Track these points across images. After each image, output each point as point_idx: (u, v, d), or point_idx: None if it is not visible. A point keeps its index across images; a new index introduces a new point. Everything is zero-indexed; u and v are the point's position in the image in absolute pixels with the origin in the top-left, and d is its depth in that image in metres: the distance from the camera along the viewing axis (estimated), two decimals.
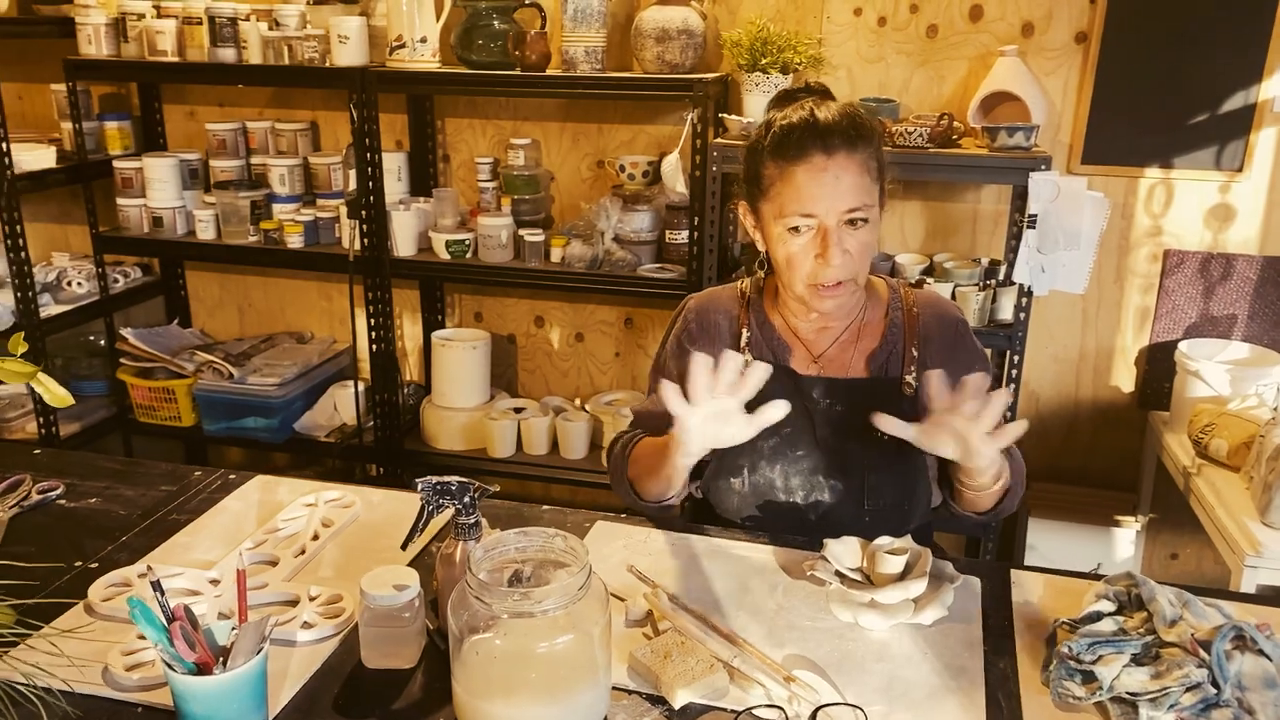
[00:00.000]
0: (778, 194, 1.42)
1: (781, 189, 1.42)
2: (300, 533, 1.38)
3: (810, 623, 1.20)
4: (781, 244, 1.43)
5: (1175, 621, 1.12)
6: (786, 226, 1.41)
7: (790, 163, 1.41)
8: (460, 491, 1.13)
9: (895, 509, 1.52)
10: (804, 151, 1.40)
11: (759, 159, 1.46)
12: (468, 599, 0.96)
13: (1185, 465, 2.40)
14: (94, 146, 3.02)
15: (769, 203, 1.44)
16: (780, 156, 1.42)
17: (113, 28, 2.85)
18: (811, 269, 1.42)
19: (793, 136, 1.41)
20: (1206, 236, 2.61)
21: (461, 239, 2.77)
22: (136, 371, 3.04)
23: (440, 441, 2.94)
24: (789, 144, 1.41)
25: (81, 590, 1.24)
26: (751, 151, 1.49)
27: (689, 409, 1.27)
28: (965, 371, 1.53)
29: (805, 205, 1.40)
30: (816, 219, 1.40)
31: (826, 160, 1.39)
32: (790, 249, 1.42)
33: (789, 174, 1.41)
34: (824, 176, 1.39)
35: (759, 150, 1.46)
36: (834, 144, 1.40)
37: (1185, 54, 2.48)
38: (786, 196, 1.41)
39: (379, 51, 2.73)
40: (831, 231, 1.40)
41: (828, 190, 1.39)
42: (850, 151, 1.41)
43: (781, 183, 1.42)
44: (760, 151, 1.46)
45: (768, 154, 1.44)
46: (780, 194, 1.42)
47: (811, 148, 1.40)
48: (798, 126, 1.42)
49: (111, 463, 1.64)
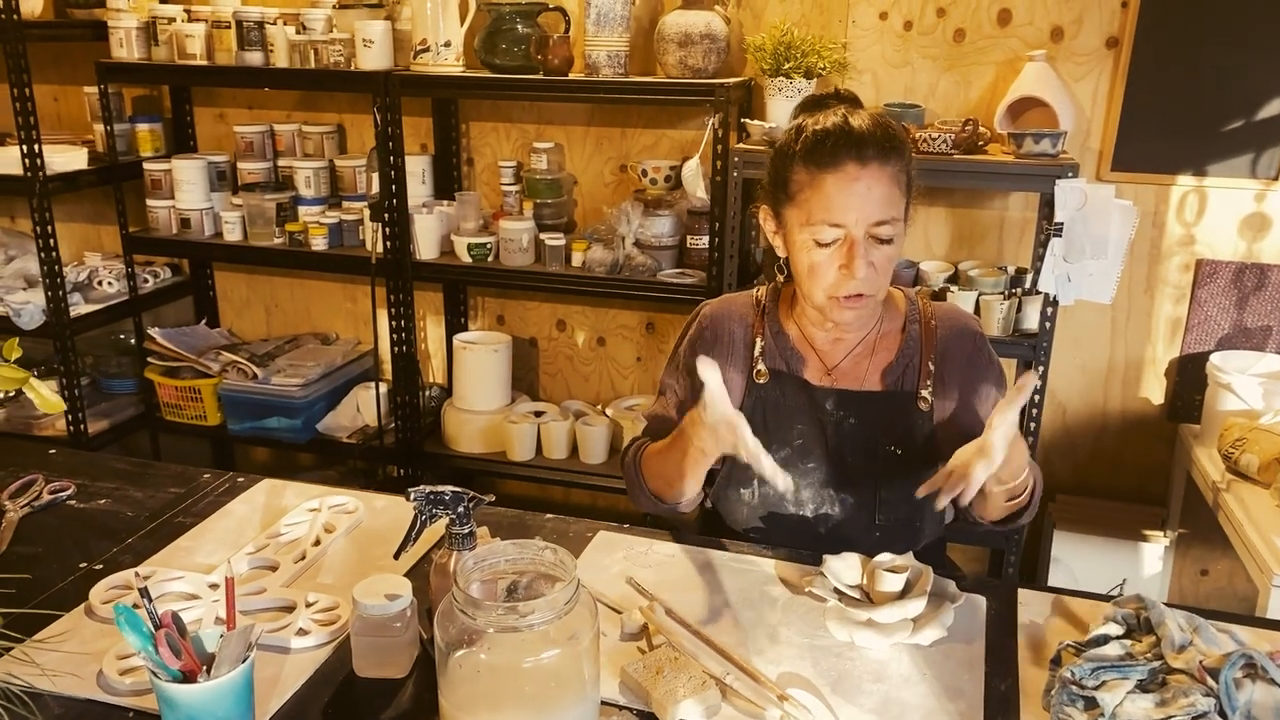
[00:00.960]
0: (806, 201, 1.39)
1: (810, 196, 1.39)
2: (302, 538, 1.38)
3: (808, 640, 1.18)
4: (805, 252, 1.40)
5: (1184, 647, 1.09)
6: (813, 235, 1.39)
7: (822, 170, 1.37)
8: (454, 501, 1.12)
9: (906, 525, 1.49)
10: (838, 159, 1.37)
11: (788, 163, 1.42)
12: (454, 612, 0.96)
13: (1215, 480, 2.34)
14: (126, 148, 3.06)
15: (796, 209, 1.41)
16: (812, 162, 1.38)
17: (144, 31, 2.88)
18: (834, 280, 1.39)
19: (827, 143, 1.38)
20: (1240, 246, 2.55)
21: (483, 242, 2.78)
22: (164, 370, 3.08)
23: (460, 444, 2.95)
24: (823, 150, 1.38)
25: (85, 592, 1.25)
26: (780, 155, 1.45)
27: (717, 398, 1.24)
28: (982, 385, 1.51)
29: (834, 215, 1.37)
30: (844, 229, 1.37)
31: (860, 170, 1.36)
32: (814, 258, 1.39)
33: (820, 181, 1.38)
34: (856, 186, 1.36)
35: (789, 154, 1.43)
36: (868, 154, 1.37)
37: (1219, 59, 2.42)
38: (815, 204, 1.38)
39: (403, 55, 2.74)
40: (858, 244, 1.37)
41: (858, 201, 1.36)
42: (883, 163, 1.37)
43: (811, 189, 1.39)
44: (790, 156, 1.42)
45: (799, 159, 1.40)
46: (809, 201, 1.39)
47: (845, 156, 1.36)
48: (832, 133, 1.38)
49: (123, 464, 1.66)
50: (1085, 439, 2.78)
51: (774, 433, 1.49)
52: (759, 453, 1.23)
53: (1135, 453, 2.75)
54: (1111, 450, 2.77)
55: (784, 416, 1.50)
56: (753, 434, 1.38)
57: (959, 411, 1.50)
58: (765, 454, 1.24)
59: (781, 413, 1.50)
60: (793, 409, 1.49)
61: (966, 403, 1.50)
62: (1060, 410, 2.76)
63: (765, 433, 1.49)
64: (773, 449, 1.48)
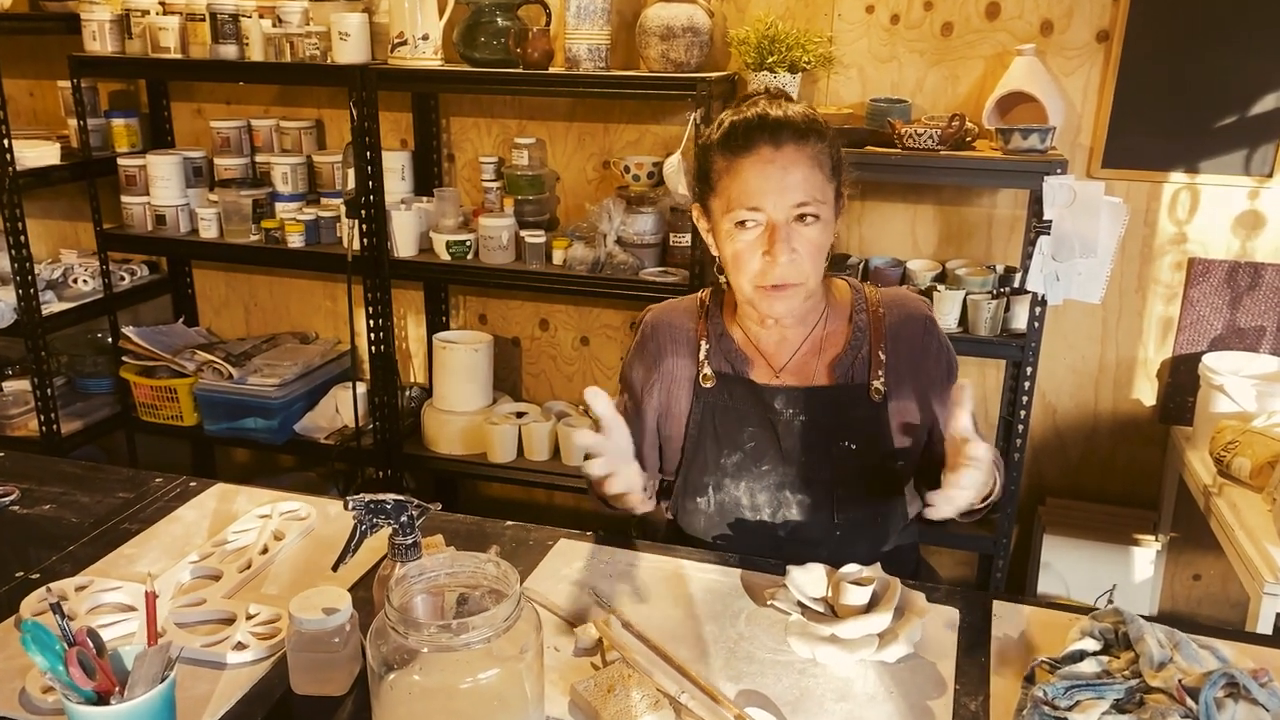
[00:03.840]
0: (725, 188, 1.37)
1: (729, 183, 1.36)
2: (249, 546, 1.33)
3: (770, 655, 1.13)
4: (729, 241, 1.37)
5: (1163, 665, 1.04)
6: (733, 221, 1.35)
7: (737, 155, 1.35)
8: (396, 510, 1.07)
9: (868, 523, 1.44)
10: (751, 143, 1.34)
11: (708, 154, 1.40)
12: (386, 630, 0.90)
13: (1206, 484, 2.29)
14: (102, 144, 3.01)
15: (717, 198, 1.39)
16: (728, 149, 1.36)
17: (117, 24, 2.83)
18: (759, 268, 1.35)
19: (740, 128, 1.36)
20: (1234, 244, 2.50)
21: (462, 240, 2.72)
22: (139, 370, 3.02)
23: (440, 445, 2.90)
24: (736, 136, 1.36)
25: (17, 603, 1.20)
26: (702, 148, 1.44)
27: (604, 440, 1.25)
28: (935, 370, 1.46)
29: (752, 199, 1.34)
30: (764, 213, 1.34)
31: (774, 153, 1.34)
32: (737, 245, 1.36)
33: (736, 167, 1.35)
34: (770, 169, 1.33)
35: (709, 145, 1.41)
36: (782, 137, 1.34)
37: (1212, 54, 2.36)
38: (734, 190, 1.35)
39: (381, 49, 2.69)
40: (780, 228, 1.34)
41: (774, 184, 1.33)
42: (799, 144, 1.35)
43: (729, 176, 1.36)
44: (709, 146, 1.41)
45: (716, 148, 1.38)
46: (727, 188, 1.36)
47: (759, 140, 1.34)
48: (747, 119, 1.37)
49: (74, 468, 1.60)
50: (1075, 441, 2.72)
51: (724, 437, 1.45)
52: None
53: (1126, 455, 2.70)
54: (1102, 453, 2.71)
55: (733, 420, 1.45)
56: (698, 440, 1.39)
57: (913, 399, 1.46)
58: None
59: (731, 416, 1.45)
60: (742, 412, 1.45)
61: (920, 390, 1.46)
62: (1050, 411, 2.71)
63: (716, 438, 1.45)
64: (724, 454, 1.44)
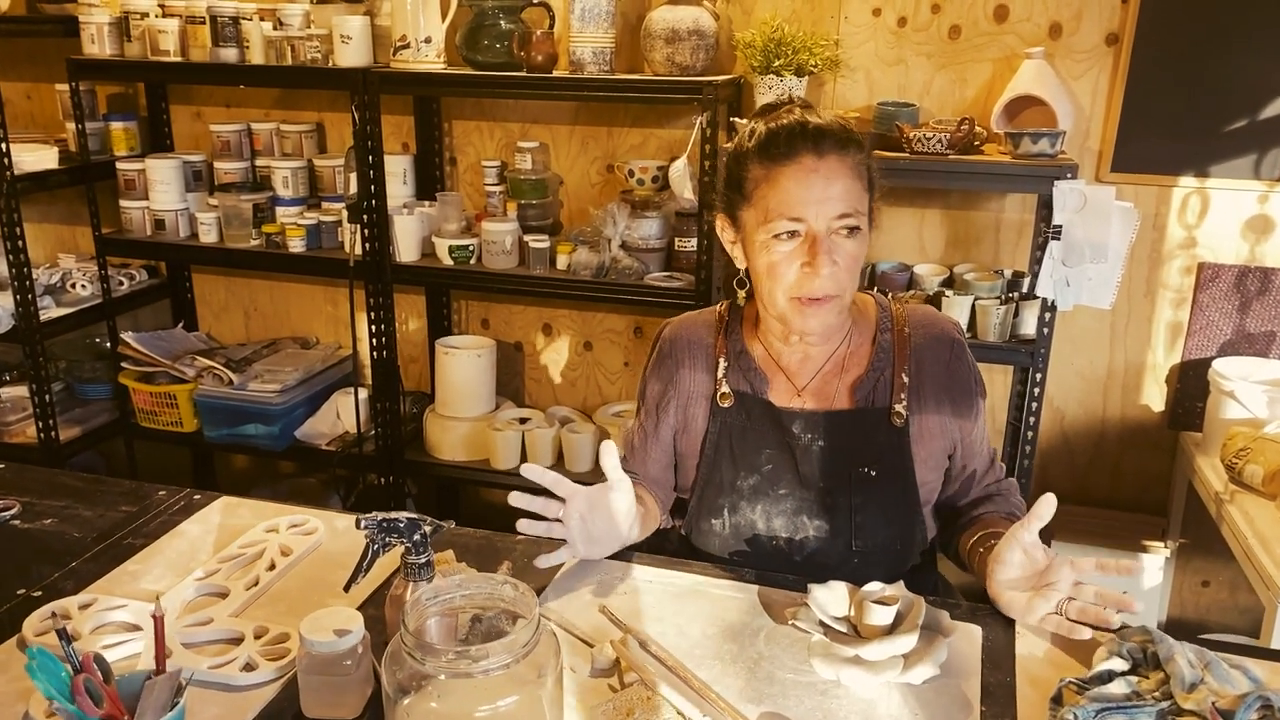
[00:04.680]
0: (763, 198, 1.32)
1: (767, 192, 1.32)
2: (256, 562, 1.30)
3: (792, 675, 1.10)
4: (764, 252, 1.33)
5: (1195, 686, 1.01)
6: (772, 233, 1.31)
7: (778, 164, 1.31)
8: (409, 529, 1.04)
9: (887, 550, 1.41)
10: (794, 151, 1.30)
11: (743, 162, 1.36)
12: (401, 655, 0.88)
13: (1218, 491, 2.27)
14: (100, 147, 2.98)
15: (752, 208, 1.34)
16: (767, 158, 1.32)
17: (116, 27, 2.80)
18: (796, 280, 1.32)
19: (781, 136, 1.32)
20: (1243, 249, 2.48)
21: (465, 244, 2.70)
22: (138, 376, 2.99)
23: (443, 451, 2.87)
24: (777, 144, 1.32)
25: (20, 622, 1.17)
26: (735, 156, 1.39)
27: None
28: (961, 396, 1.43)
29: (794, 209, 1.30)
30: (805, 224, 1.30)
31: (817, 162, 1.30)
32: (773, 257, 1.32)
33: (776, 175, 1.31)
34: (814, 179, 1.29)
35: (743, 154, 1.37)
36: (825, 146, 1.31)
37: (1223, 56, 2.34)
38: (773, 200, 1.31)
39: (383, 52, 2.66)
40: (821, 239, 1.30)
41: (818, 194, 1.29)
42: (841, 155, 1.31)
43: (767, 185, 1.32)
44: (745, 155, 1.36)
45: (753, 156, 1.34)
46: (766, 197, 1.32)
47: (802, 148, 1.30)
48: (787, 127, 1.33)
49: (75, 480, 1.57)
50: (1084, 447, 2.70)
51: (741, 459, 1.42)
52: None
53: (1135, 461, 2.68)
54: (1110, 458, 2.69)
55: (750, 441, 1.42)
56: (714, 461, 1.39)
57: (936, 426, 1.42)
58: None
59: (748, 437, 1.42)
60: (759, 433, 1.42)
61: (944, 414, 1.42)
62: (1058, 417, 2.69)
63: (732, 459, 1.42)
64: (741, 475, 1.41)
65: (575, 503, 1.27)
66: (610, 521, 1.28)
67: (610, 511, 1.27)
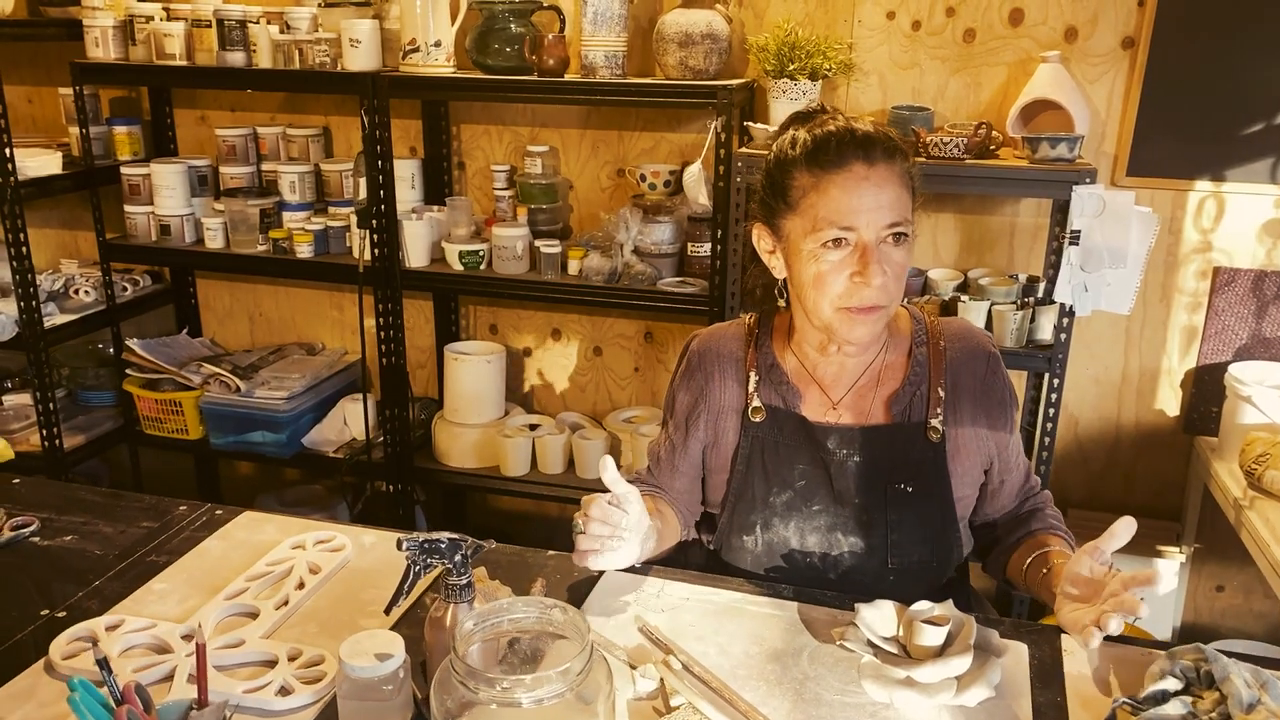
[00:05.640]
0: (810, 206, 1.29)
1: (816, 200, 1.29)
2: (285, 580, 1.27)
3: (839, 696, 1.08)
4: (812, 262, 1.30)
5: (1253, 706, 1.00)
6: (820, 241, 1.28)
7: (828, 171, 1.28)
8: (450, 550, 1.02)
9: (922, 567, 1.39)
10: (844, 159, 1.28)
11: (788, 170, 1.33)
12: (452, 682, 0.85)
13: (1236, 497, 2.26)
14: (103, 152, 2.95)
15: (799, 217, 1.31)
16: (816, 165, 1.29)
17: (120, 30, 2.76)
18: (844, 289, 1.29)
19: (831, 144, 1.29)
20: (1259, 253, 2.47)
21: (475, 249, 2.67)
22: (143, 383, 2.96)
23: (452, 459, 2.84)
24: (827, 151, 1.29)
25: (45, 644, 1.14)
26: (779, 163, 1.35)
27: None
28: (997, 411, 1.41)
29: (845, 218, 1.27)
30: (855, 233, 1.28)
31: (868, 170, 1.28)
32: (821, 267, 1.29)
33: (826, 183, 1.28)
34: (865, 186, 1.27)
35: (788, 160, 1.33)
36: (875, 154, 1.29)
37: (1239, 60, 2.33)
38: (822, 208, 1.28)
39: (392, 55, 2.63)
40: (872, 248, 1.28)
41: (869, 203, 1.27)
42: (890, 162, 1.29)
43: (816, 193, 1.29)
44: (790, 162, 1.33)
45: (801, 163, 1.31)
46: (814, 206, 1.29)
47: (852, 156, 1.28)
48: (836, 134, 1.30)
49: (93, 495, 1.54)
50: (1098, 452, 2.69)
51: (774, 475, 1.40)
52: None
53: (1149, 466, 2.66)
54: (1125, 463, 2.68)
55: (784, 457, 1.40)
56: (746, 477, 1.39)
57: (973, 441, 1.40)
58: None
59: (781, 453, 1.40)
60: (792, 448, 1.40)
61: (980, 430, 1.40)
62: (1073, 422, 2.68)
63: (765, 475, 1.40)
64: (774, 492, 1.39)
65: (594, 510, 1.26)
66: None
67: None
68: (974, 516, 1.47)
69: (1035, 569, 1.36)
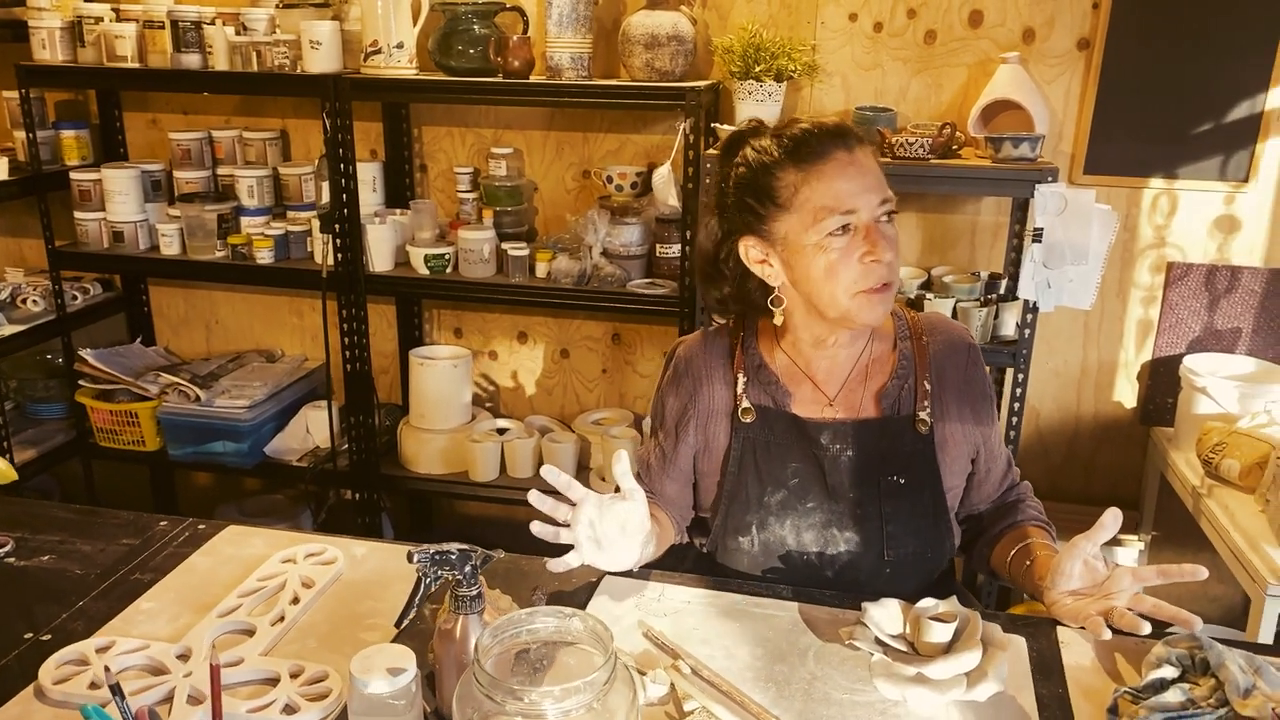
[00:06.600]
0: (806, 200, 1.31)
1: (810, 193, 1.31)
2: (278, 595, 1.25)
3: (848, 695, 1.09)
4: (820, 254, 1.31)
5: (1249, 691, 1.02)
6: (826, 231, 1.30)
7: (814, 163, 1.31)
8: (460, 561, 1.01)
9: (917, 559, 1.41)
10: (826, 150, 1.32)
11: (770, 173, 1.34)
12: (476, 695, 0.84)
13: (1195, 485, 2.32)
14: (50, 157, 2.86)
15: (793, 214, 1.33)
16: (802, 160, 1.32)
17: (68, 32, 2.69)
18: (857, 273, 1.31)
19: (810, 140, 1.33)
20: (1210, 248, 2.54)
21: (441, 253, 2.64)
22: (96, 394, 2.88)
23: (419, 465, 2.81)
24: (809, 145, 1.32)
25: (31, 669, 1.11)
26: (759, 169, 1.36)
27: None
28: (980, 401, 1.45)
29: (844, 201, 1.30)
30: (856, 215, 1.31)
31: (850, 156, 1.32)
32: (831, 256, 1.31)
33: (816, 175, 1.31)
34: (853, 170, 1.31)
35: (770, 164, 1.34)
36: (851, 141, 1.33)
37: (1190, 61, 2.40)
38: (820, 197, 1.30)
39: (353, 57, 2.59)
40: (874, 227, 1.31)
41: (861, 184, 1.31)
42: (864, 147, 1.35)
43: (809, 187, 1.31)
44: (772, 165, 1.34)
45: (785, 162, 1.33)
46: (810, 199, 1.31)
47: (833, 146, 1.32)
48: (811, 130, 1.34)
49: (67, 512, 1.49)
50: (1058, 444, 2.75)
51: (767, 474, 1.41)
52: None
53: (1108, 456, 2.73)
54: (1085, 455, 2.75)
55: (776, 456, 1.41)
56: (739, 478, 1.40)
57: (959, 432, 1.43)
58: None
59: (773, 452, 1.41)
60: (784, 447, 1.41)
61: (965, 421, 1.44)
62: (1033, 415, 2.73)
63: (758, 475, 1.41)
64: (768, 491, 1.40)
65: (585, 507, 1.24)
66: (619, 530, 1.25)
67: (621, 520, 1.24)
68: (960, 507, 1.49)
69: (1019, 561, 1.39)
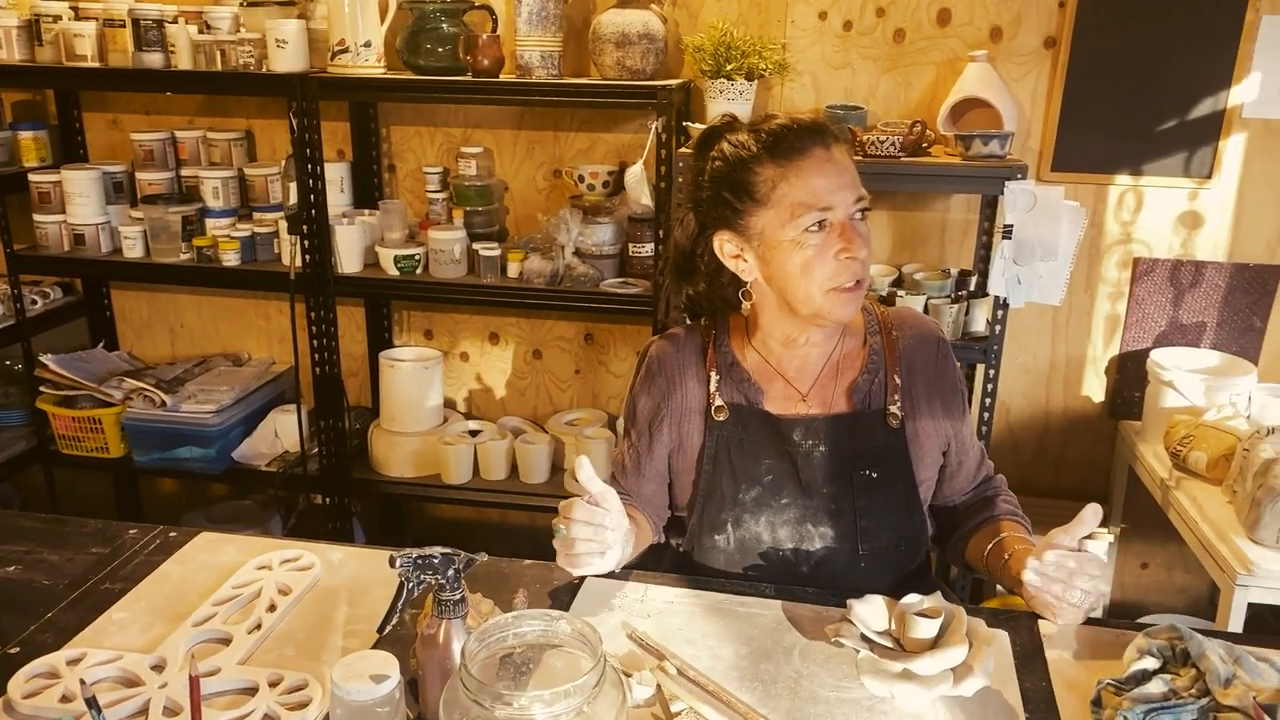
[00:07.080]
0: (784, 195, 1.32)
1: (788, 189, 1.31)
2: (254, 603, 1.22)
3: (834, 693, 1.09)
4: (796, 250, 1.32)
5: (1230, 681, 1.03)
6: (803, 227, 1.31)
7: (793, 159, 1.32)
8: (444, 565, 0.99)
9: (891, 552, 1.42)
10: (805, 146, 1.32)
11: (748, 168, 1.34)
12: (463, 701, 0.83)
13: (1163, 478, 2.35)
14: (8, 158, 2.80)
15: (770, 210, 1.33)
16: (780, 155, 1.32)
17: (25, 30, 2.63)
18: (832, 269, 1.32)
19: (789, 136, 1.33)
20: (1175, 243, 2.58)
21: (411, 254, 2.62)
22: (58, 400, 2.82)
23: (390, 468, 2.78)
24: (787, 140, 1.32)
25: (2, 683, 1.08)
26: (737, 164, 1.36)
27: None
28: (950, 394, 1.46)
29: (821, 198, 1.31)
30: (833, 210, 1.31)
31: (827, 152, 1.33)
32: (808, 252, 1.31)
33: (795, 171, 1.31)
34: (830, 167, 1.32)
35: (748, 159, 1.34)
36: (828, 137, 1.34)
37: (1154, 60, 2.43)
38: (798, 193, 1.31)
39: (319, 56, 2.56)
40: (849, 224, 1.32)
41: (837, 181, 1.32)
42: (839, 144, 1.35)
43: (787, 183, 1.31)
44: (750, 159, 1.34)
45: (764, 158, 1.33)
46: (788, 194, 1.31)
47: (811, 142, 1.33)
48: (789, 126, 1.34)
49: (33, 521, 1.46)
50: (1028, 439, 2.78)
51: (741, 472, 1.41)
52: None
53: (1077, 450, 2.76)
54: (1054, 449, 2.77)
55: (749, 453, 1.41)
56: (713, 476, 1.40)
57: (930, 425, 1.44)
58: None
59: (747, 450, 1.41)
60: (757, 444, 1.41)
61: (936, 415, 1.45)
62: (1004, 411, 2.75)
63: (732, 473, 1.41)
64: (742, 489, 1.40)
65: (577, 509, 1.25)
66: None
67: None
68: (933, 500, 1.50)
69: (995, 555, 1.40)
